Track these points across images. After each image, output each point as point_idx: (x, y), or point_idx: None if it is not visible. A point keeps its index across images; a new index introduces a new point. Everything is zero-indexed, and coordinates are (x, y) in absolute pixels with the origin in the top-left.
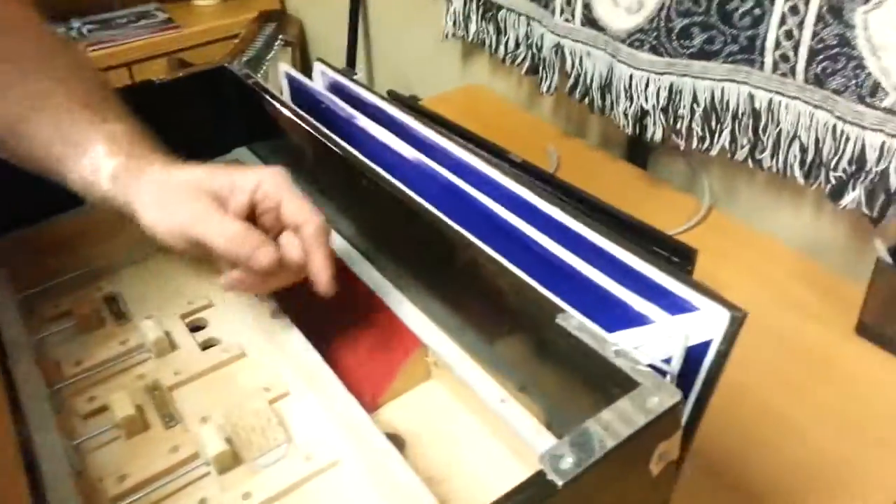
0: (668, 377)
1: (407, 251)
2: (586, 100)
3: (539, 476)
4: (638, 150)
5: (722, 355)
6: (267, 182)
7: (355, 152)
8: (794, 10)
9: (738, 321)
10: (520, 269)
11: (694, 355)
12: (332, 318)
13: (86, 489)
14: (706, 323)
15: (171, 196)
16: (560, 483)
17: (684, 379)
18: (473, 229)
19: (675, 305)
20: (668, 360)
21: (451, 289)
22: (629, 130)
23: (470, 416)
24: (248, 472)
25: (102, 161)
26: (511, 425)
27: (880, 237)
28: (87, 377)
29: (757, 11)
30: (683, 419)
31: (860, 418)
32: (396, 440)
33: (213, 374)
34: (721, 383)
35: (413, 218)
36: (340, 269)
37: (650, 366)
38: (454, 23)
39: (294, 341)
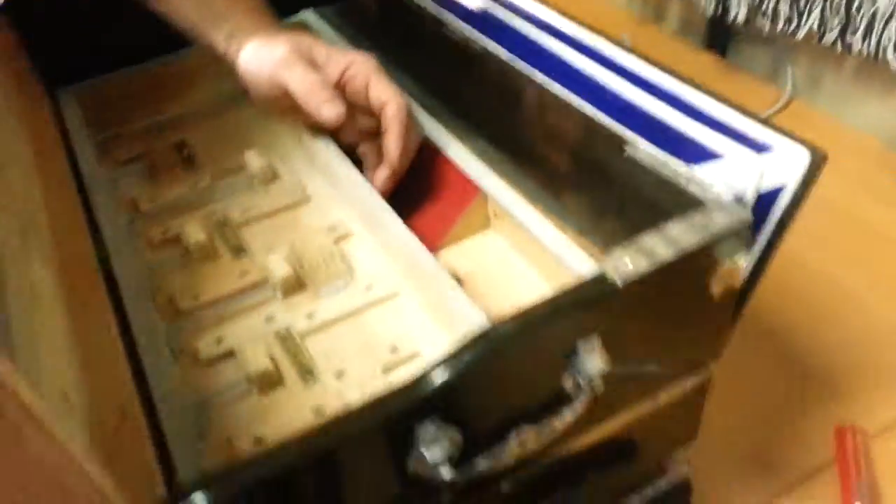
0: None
1: (471, 100)
2: None
3: (601, 276)
4: (717, 36)
5: (797, 199)
6: (358, 63)
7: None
8: None
9: (817, 162)
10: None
11: (766, 201)
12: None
13: (162, 305)
14: (782, 164)
15: (270, 47)
16: (620, 283)
17: (754, 222)
18: (542, 73)
19: (750, 145)
20: (738, 199)
21: (515, 134)
22: (709, 13)
23: (528, 264)
24: (311, 297)
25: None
26: (571, 269)
27: None
28: (161, 212)
29: None
30: (751, 259)
31: None
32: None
33: (280, 214)
34: (787, 259)
35: (480, 62)
36: None
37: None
38: None
39: (358, 185)
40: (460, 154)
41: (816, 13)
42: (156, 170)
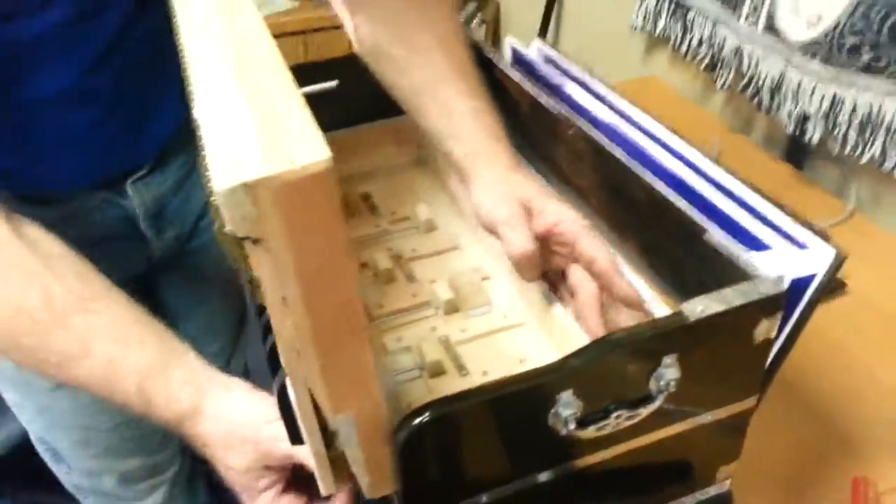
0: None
1: (586, 184)
2: (756, 99)
3: (679, 313)
4: (795, 152)
5: (823, 284)
6: (567, 222)
7: (561, 107)
8: None
9: (839, 260)
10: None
11: (802, 284)
12: None
13: None
14: (814, 258)
15: (498, 189)
16: (692, 319)
17: (791, 299)
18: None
19: (792, 241)
20: (780, 278)
21: (619, 212)
22: (790, 131)
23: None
24: (463, 317)
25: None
26: (654, 317)
27: None
28: (355, 243)
29: None
30: (783, 336)
31: None
32: None
33: (439, 255)
34: (831, 343)
35: (597, 155)
36: None
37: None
38: (644, 17)
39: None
40: None
41: (878, 144)
42: (347, 213)
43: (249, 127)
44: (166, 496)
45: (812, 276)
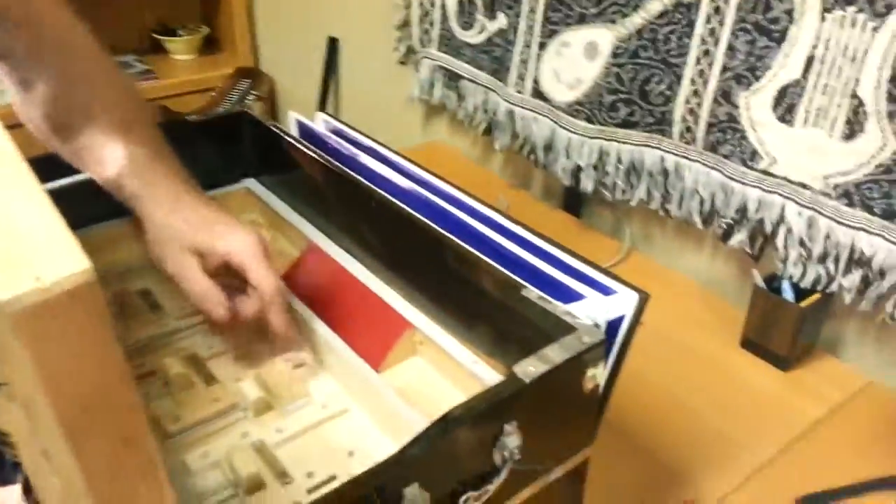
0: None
1: (400, 255)
2: (532, 157)
3: (512, 376)
4: (572, 201)
5: (632, 325)
6: (237, 253)
7: (361, 178)
8: (695, 93)
9: (643, 300)
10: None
11: (613, 326)
12: (339, 312)
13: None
14: (622, 302)
15: (165, 242)
16: (527, 381)
17: (606, 342)
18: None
19: (601, 289)
20: (597, 325)
21: (435, 281)
22: (566, 183)
23: (448, 381)
24: (278, 415)
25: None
26: (484, 382)
27: (757, 270)
28: (134, 351)
29: (668, 93)
30: (606, 369)
31: (737, 405)
32: None
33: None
34: (636, 377)
35: (408, 225)
36: (341, 272)
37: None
38: (420, 88)
39: (312, 322)
40: (392, 296)
41: (643, 187)
42: (124, 315)
43: None
44: None
45: (621, 318)
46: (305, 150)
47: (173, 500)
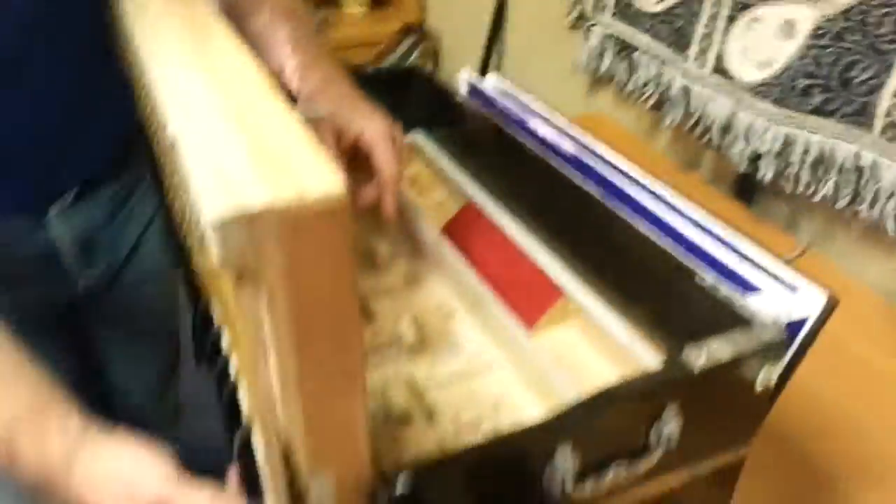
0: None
1: (563, 224)
2: (705, 137)
3: (681, 361)
4: (745, 188)
5: (815, 328)
6: (370, 133)
7: (530, 142)
8: None
9: (832, 304)
10: None
11: (792, 329)
12: (494, 271)
13: None
14: (805, 302)
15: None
16: (697, 369)
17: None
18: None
19: (781, 285)
20: (777, 323)
21: (598, 254)
22: (742, 169)
23: (597, 354)
24: (429, 358)
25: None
26: (639, 360)
27: None
28: None
29: (873, 82)
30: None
31: None
32: None
33: (396, 292)
34: (801, 382)
35: (576, 195)
36: (499, 232)
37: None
38: (588, 56)
39: (466, 276)
40: (550, 263)
41: (831, 184)
42: None
43: (241, 150)
44: None
45: (804, 321)
46: (477, 109)
47: (364, 413)
